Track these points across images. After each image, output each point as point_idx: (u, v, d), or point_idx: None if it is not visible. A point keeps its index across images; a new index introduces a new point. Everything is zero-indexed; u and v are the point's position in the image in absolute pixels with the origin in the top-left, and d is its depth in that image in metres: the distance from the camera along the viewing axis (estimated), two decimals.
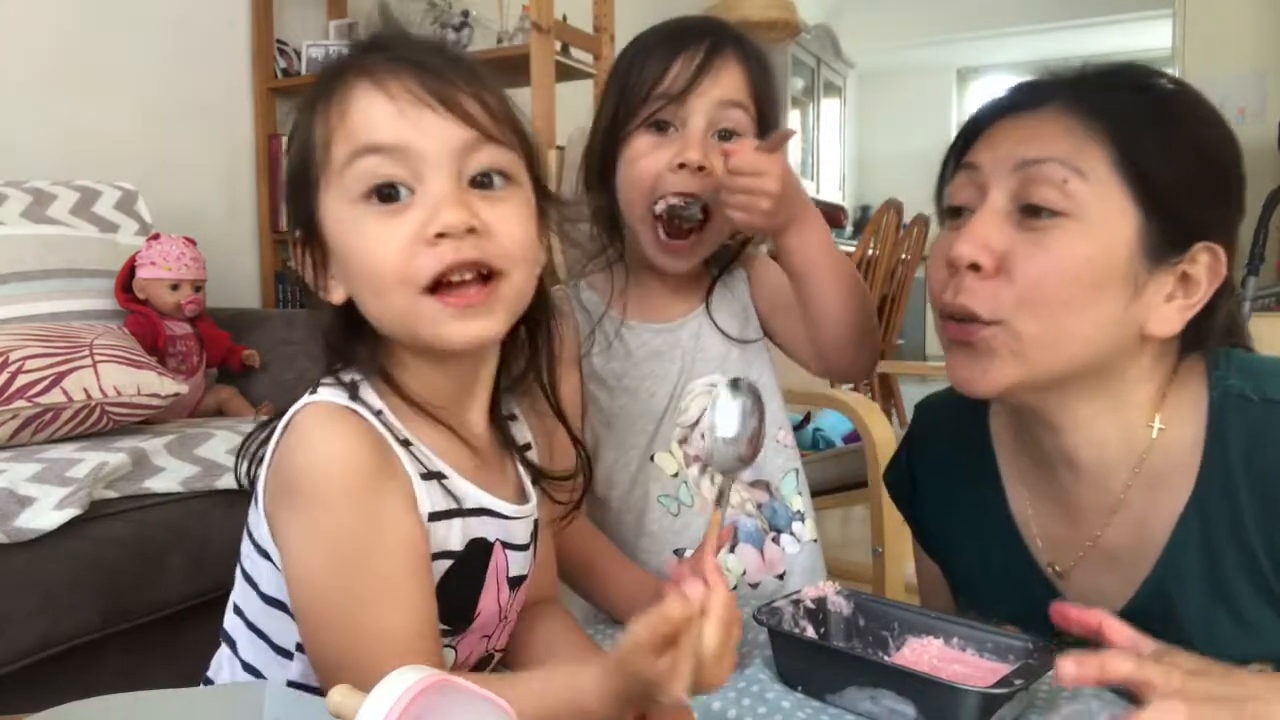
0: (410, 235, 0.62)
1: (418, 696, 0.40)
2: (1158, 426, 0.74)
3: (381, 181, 0.63)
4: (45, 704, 0.46)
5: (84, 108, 2.24)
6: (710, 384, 1.01)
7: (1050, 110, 0.71)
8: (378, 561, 0.62)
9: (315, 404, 0.65)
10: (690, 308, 1.04)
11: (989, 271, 0.70)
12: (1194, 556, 0.72)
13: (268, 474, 0.66)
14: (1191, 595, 0.73)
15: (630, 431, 1.01)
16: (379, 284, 0.64)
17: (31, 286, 1.68)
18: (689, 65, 0.93)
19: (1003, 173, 0.71)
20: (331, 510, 0.62)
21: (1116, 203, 0.68)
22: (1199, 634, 0.72)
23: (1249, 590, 0.71)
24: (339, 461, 0.62)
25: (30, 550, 1.15)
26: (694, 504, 1.01)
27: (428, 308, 0.63)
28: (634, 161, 0.96)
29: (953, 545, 0.90)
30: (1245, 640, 0.71)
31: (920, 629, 0.77)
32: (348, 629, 0.61)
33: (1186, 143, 0.70)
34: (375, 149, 0.63)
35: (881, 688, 0.68)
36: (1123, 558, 0.76)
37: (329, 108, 0.66)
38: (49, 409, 1.37)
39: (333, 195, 0.65)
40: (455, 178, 0.64)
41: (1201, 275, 0.70)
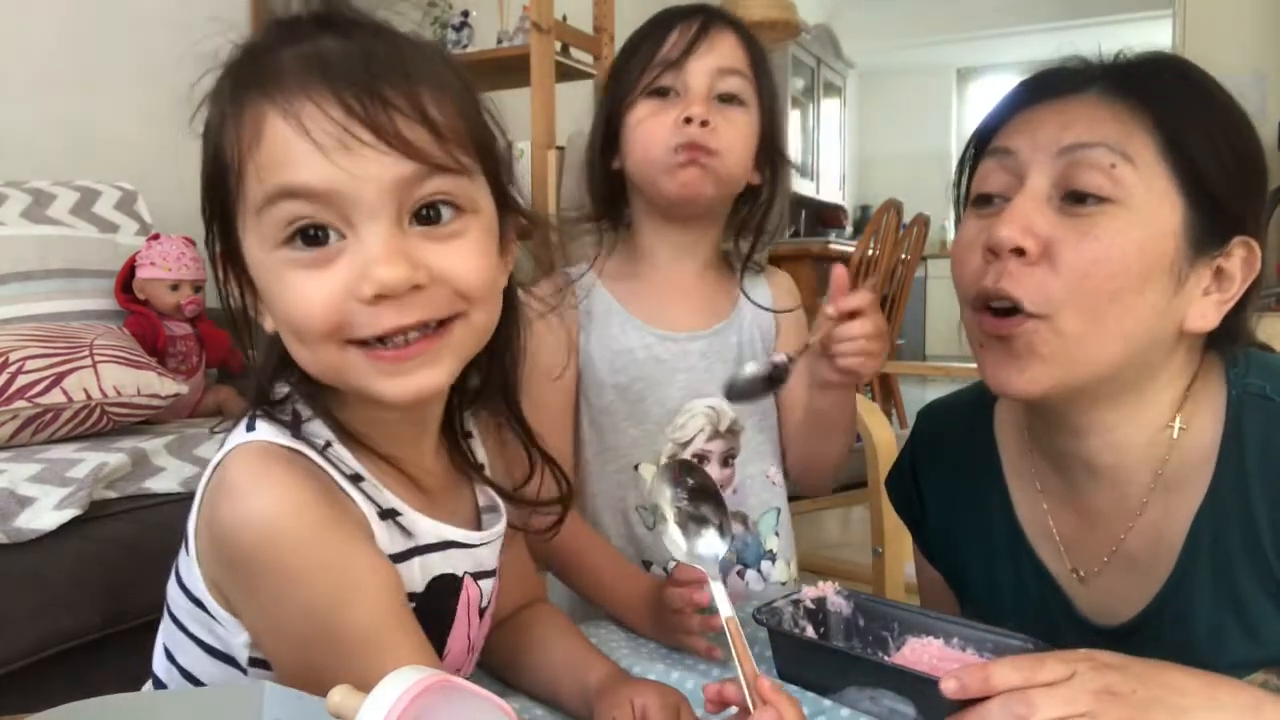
0: (341, 289, 0.54)
1: (418, 697, 0.40)
2: (1178, 427, 0.73)
3: (305, 224, 0.54)
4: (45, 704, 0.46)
5: (84, 108, 2.24)
6: (711, 406, 0.99)
7: (1091, 95, 0.70)
8: (357, 610, 0.56)
9: (247, 448, 0.57)
10: (704, 322, 1.01)
11: (1033, 257, 0.67)
12: (1205, 557, 0.72)
13: (198, 522, 0.59)
14: (1202, 598, 0.72)
15: (612, 432, 0.99)
16: (305, 336, 0.56)
17: (31, 286, 1.68)
18: (685, 34, 0.95)
19: (1044, 158, 0.69)
20: (288, 569, 0.54)
21: (1163, 190, 0.67)
22: (1206, 637, 0.71)
23: (1258, 593, 0.70)
24: (281, 515, 0.55)
25: (30, 550, 1.14)
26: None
27: (359, 363, 0.56)
28: (639, 124, 0.96)
29: (958, 553, 0.89)
30: (1251, 644, 0.70)
31: (920, 629, 0.77)
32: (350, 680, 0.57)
33: (1226, 133, 0.69)
34: (294, 194, 0.54)
35: (881, 687, 0.68)
36: (1140, 562, 0.75)
37: (239, 123, 0.55)
38: (49, 409, 1.37)
39: (251, 232, 0.56)
40: (394, 220, 0.54)
41: (1236, 269, 0.69)
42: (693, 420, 0.99)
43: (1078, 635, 0.78)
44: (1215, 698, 0.58)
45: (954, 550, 0.89)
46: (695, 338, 1.00)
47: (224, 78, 0.59)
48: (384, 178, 0.54)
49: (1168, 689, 0.58)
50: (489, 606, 0.71)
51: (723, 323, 1.02)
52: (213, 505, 0.57)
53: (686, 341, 1.00)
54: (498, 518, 0.72)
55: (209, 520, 0.58)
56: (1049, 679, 0.57)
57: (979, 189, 0.75)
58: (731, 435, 1.01)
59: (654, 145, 0.94)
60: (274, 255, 0.55)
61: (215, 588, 0.60)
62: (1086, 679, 0.57)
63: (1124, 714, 0.56)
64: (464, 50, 2.65)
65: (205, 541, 0.59)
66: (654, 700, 0.68)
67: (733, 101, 0.95)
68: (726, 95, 0.95)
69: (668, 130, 0.93)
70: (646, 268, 1.02)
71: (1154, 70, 0.72)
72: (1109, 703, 0.57)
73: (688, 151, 0.92)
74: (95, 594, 1.18)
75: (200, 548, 0.60)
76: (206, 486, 0.59)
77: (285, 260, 0.55)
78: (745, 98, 0.96)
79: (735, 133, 0.94)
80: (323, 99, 0.53)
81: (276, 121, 0.54)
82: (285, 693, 0.48)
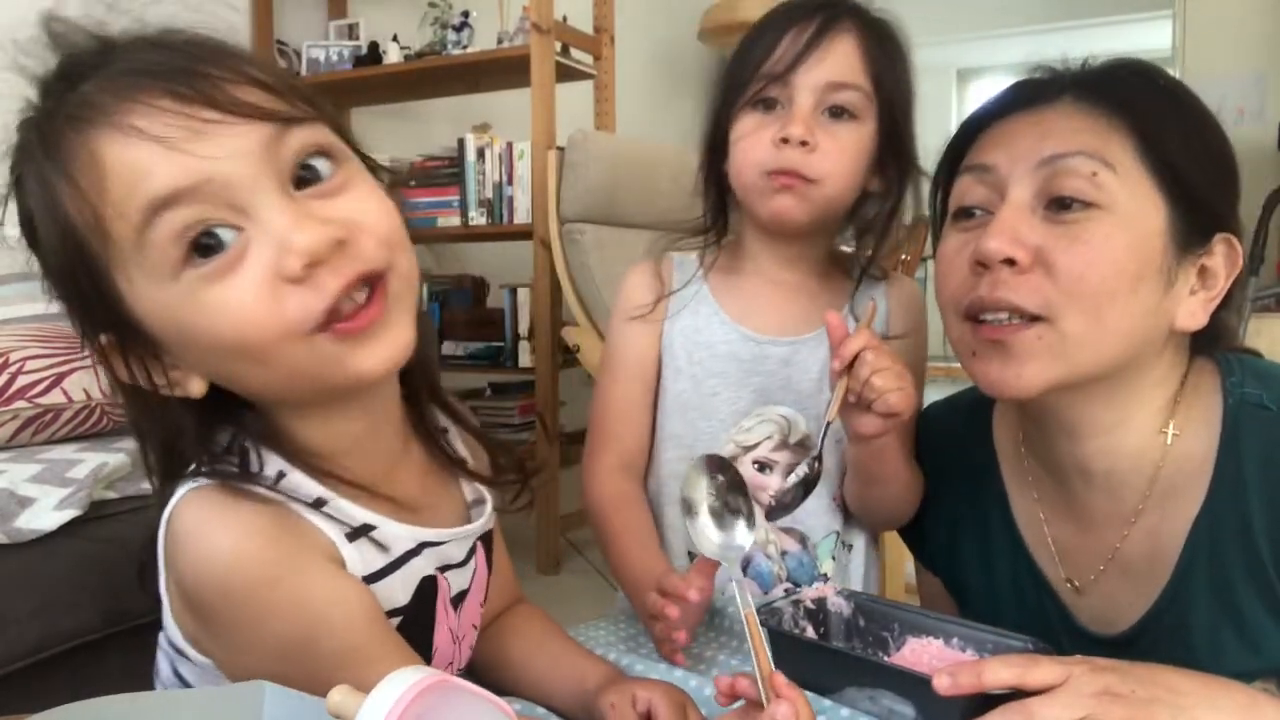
0: (266, 282, 0.50)
1: (418, 697, 0.40)
2: (1171, 433, 0.73)
3: (195, 234, 0.50)
4: (45, 704, 0.46)
5: None
6: (783, 415, 0.96)
7: (1064, 105, 0.70)
8: (326, 642, 0.55)
9: (193, 494, 0.55)
10: (796, 329, 0.96)
11: (1025, 265, 0.68)
12: (1203, 567, 0.72)
13: (167, 580, 0.58)
14: (1200, 608, 0.72)
15: (679, 421, 0.97)
16: (258, 349, 0.52)
17: (31, 287, 1.67)
18: (797, 42, 0.88)
19: (1023, 171, 0.69)
20: (250, 612, 0.53)
21: (1145, 193, 0.68)
22: (1205, 648, 0.71)
23: (1256, 603, 0.70)
24: (235, 559, 0.53)
25: (30, 550, 1.14)
26: None
27: (328, 348, 0.53)
28: (740, 139, 0.91)
29: (956, 558, 0.88)
30: (1250, 655, 0.70)
31: (920, 629, 0.77)
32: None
33: (1199, 134, 0.70)
34: (166, 202, 0.49)
35: (880, 688, 0.68)
36: (1137, 570, 0.75)
37: (72, 180, 0.50)
38: (49, 409, 1.37)
39: (139, 281, 0.52)
40: (281, 190, 0.51)
41: (1220, 267, 0.70)
42: (761, 425, 0.96)
43: (1076, 645, 0.78)
44: (1212, 697, 0.59)
45: (953, 556, 0.89)
46: (779, 343, 0.96)
47: (24, 151, 0.54)
48: (246, 148, 0.51)
49: (1166, 689, 0.58)
50: (464, 596, 0.71)
51: (814, 333, 0.95)
52: (171, 559, 0.56)
53: (770, 345, 0.96)
54: (484, 510, 0.72)
55: (172, 574, 0.57)
56: (1043, 678, 0.58)
57: (959, 203, 0.75)
58: (802, 449, 0.96)
59: (748, 167, 0.90)
60: (177, 286, 0.51)
61: (194, 643, 0.59)
62: (1084, 681, 0.57)
63: (1124, 714, 0.56)
64: (464, 51, 2.65)
65: (173, 595, 0.58)
66: (660, 697, 0.67)
67: (842, 116, 0.89)
68: (836, 109, 0.89)
69: (765, 150, 0.88)
70: (746, 267, 0.99)
71: (1123, 76, 0.72)
72: (1109, 704, 0.57)
73: (781, 179, 0.88)
74: (95, 594, 1.18)
75: (172, 605, 0.59)
76: (163, 543, 0.58)
77: (192, 282, 0.51)
78: (858, 110, 0.90)
79: (840, 153, 0.89)
80: (150, 96, 0.50)
81: (112, 142, 0.50)
82: (285, 693, 0.48)
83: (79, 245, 0.52)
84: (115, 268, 0.52)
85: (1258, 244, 3.05)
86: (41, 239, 0.54)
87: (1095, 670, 0.59)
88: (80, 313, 0.56)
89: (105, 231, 0.51)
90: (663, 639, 0.80)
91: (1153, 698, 0.57)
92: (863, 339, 0.78)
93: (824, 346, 0.92)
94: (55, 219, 0.52)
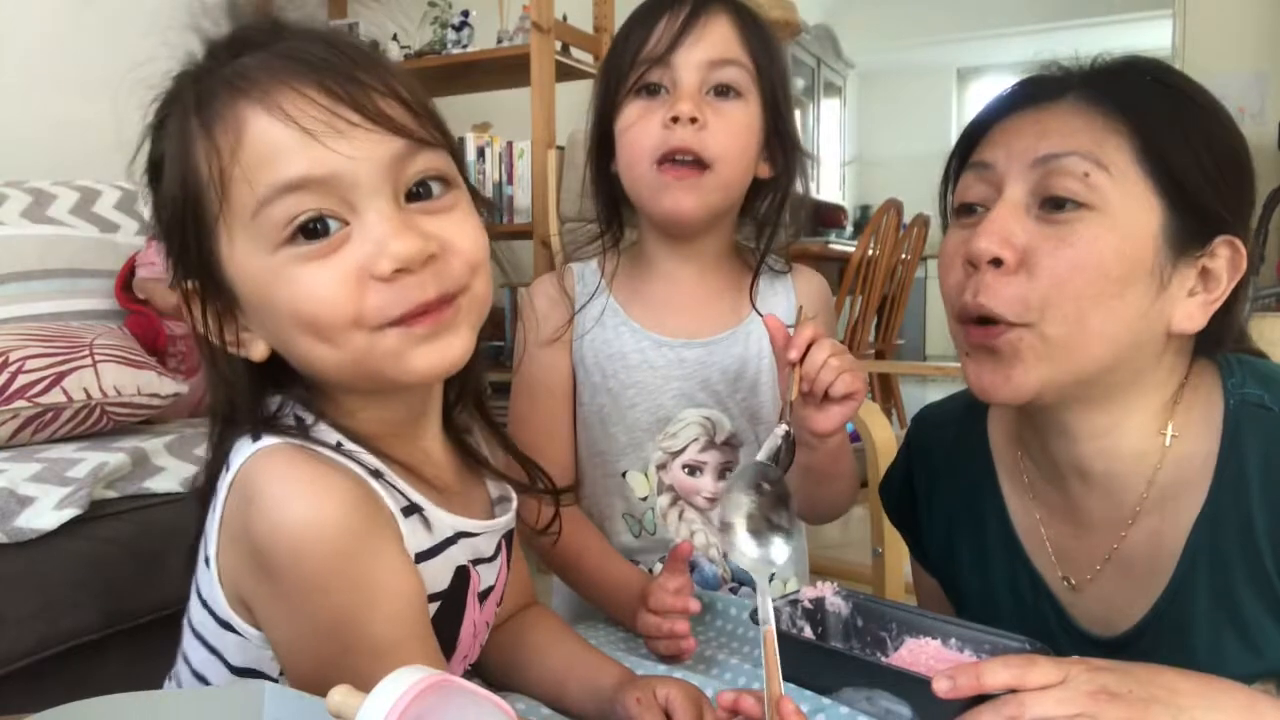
0: (354, 274, 0.55)
1: (418, 697, 0.40)
2: (1170, 434, 0.72)
3: (307, 219, 0.54)
4: (45, 704, 0.46)
5: (84, 108, 2.24)
6: (706, 416, 0.95)
7: (1066, 104, 0.70)
8: (374, 626, 0.56)
9: (267, 452, 0.56)
10: (706, 329, 0.96)
11: (1011, 267, 0.68)
12: (1203, 569, 0.71)
13: (221, 539, 0.58)
14: (1200, 610, 0.71)
15: (602, 436, 0.97)
16: (328, 330, 0.55)
17: (31, 286, 1.68)
18: (672, 25, 0.88)
19: (1019, 169, 0.69)
20: (313, 580, 0.54)
21: (1140, 195, 0.67)
22: (1205, 650, 0.71)
23: (1257, 606, 0.69)
24: (320, 526, 0.53)
25: (30, 550, 1.15)
26: (656, 534, 0.96)
27: (391, 342, 0.56)
28: (627, 128, 0.90)
29: (953, 560, 0.88)
30: (1250, 657, 0.70)
31: (918, 629, 0.77)
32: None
33: (1204, 135, 0.69)
34: (293, 187, 0.54)
35: (877, 688, 0.68)
36: (1137, 571, 0.75)
37: (211, 136, 0.55)
38: (49, 409, 1.37)
39: (241, 243, 0.56)
40: (393, 199, 0.56)
41: (1222, 269, 0.69)
42: (685, 429, 0.96)
43: (1074, 645, 0.78)
44: (1211, 697, 0.58)
45: (950, 558, 0.88)
46: (692, 345, 0.95)
47: (176, 100, 0.58)
48: (377, 156, 0.55)
49: (1164, 689, 0.58)
50: (489, 592, 0.72)
51: (727, 332, 0.96)
52: (242, 518, 0.56)
53: (682, 348, 0.95)
54: (508, 507, 0.73)
55: (240, 533, 0.56)
56: (1041, 678, 0.58)
57: (960, 199, 0.75)
58: (729, 448, 0.97)
59: (639, 156, 0.88)
60: (275, 257, 0.55)
61: (239, 603, 0.59)
62: (1081, 680, 0.57)
63: (1123, 714, 0.56)
64: (464, 50, 2.65)
65: (234, 556, 0.58)
66: (678, 693, 0.68)
67: (728, 94, 0.88)
68: (721, 88, 0.88)
69: (655, 135, 0.87)
70: (649, 270, 0.98)
71: (1130, 75, 0.71)
72: (1106, 703, 0.57)
73: (672, 171, 0.87)
74: (95, 594, 1.18)
75: (224, 564, 0.59)
76: (225, 502, 0.58)
77: (290, 258, 0.55)
78: (743, 88, 0.89)
79: (731, 131, 0.88)
80: (305, 86, 0.54)
81: (258, 116, 0.54)
82: (285, 693, 0.48)
83: (196, 196, 0.56)
84: (222, 225, 0.56)
85: (1258, 244, 3.05)
86: (164, 181, 0.58)
87: (1093, 670, 0.59)
88: (176, 255, 0.59)
89: (226, 192, 0.55)
90: (669, 652, 0.80)
91: (1151, 698, 0.57)
92: (811, 330, 0.78)
93: (738, 342, 0.95)
94: (183, 166, 0.56)
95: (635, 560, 0.96)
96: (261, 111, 0.54)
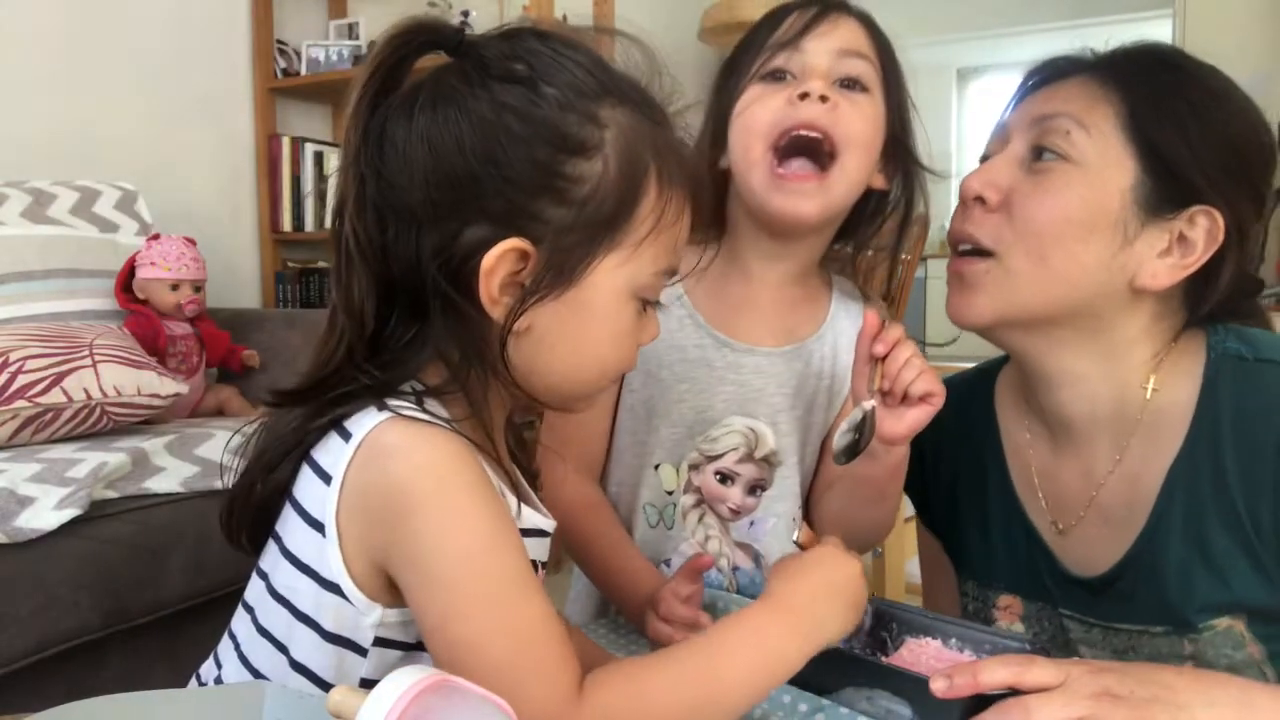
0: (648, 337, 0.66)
1: (418, 696, 0.41)
2: (1151, 388, 0.78)
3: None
4: (45, 704, 0.47)
5: (84, 107, 2.24)
6: (751, 428, 0.92)
7: (1075, 80, 0.79)
8: (506, 555, 0.58)
9: (397, 418, 0.58)
10: (773, 339, 0.93)
11: (993, 205, 0.77)
12: (1179, 510, 0.76)
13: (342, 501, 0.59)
14: (1174, 547, 0.75)
15: (644, 425, 0.94)
16: (614, 373, 0.65)
17: (31, 286, 1.68)
18: (804, 17, 0.86)
19: (1022, 128, 0.79)
20: (456, 508, 0.57)
21: (1116, 155, 0.74)
22: (1176, 584, 0.75)
23: (1228, 543, 0.73)
24: (446, 462, 0.57)
25: (30, 550, 1.15)
26: (673, 529, 0.95)
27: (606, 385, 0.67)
28: (747, 107, 0.85)
29: (955, 514, 0.92)
30: (1218, 589, 0.74)
31: (918, 629, 0.77)
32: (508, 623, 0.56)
33: (1203, 113, 0.74)
34: (673, 272, 0.66)
35: (877, 688, 0.68)
36: (1116, 515, 0.80)
37: (667, 175, 0.63)
38: (49, 409, 1.37)
39: (624, 266, 0.62)
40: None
41: (1199, 238, 0.74)
42: (728, 436, 0.93)
43: (1059, 587, 0.83)
44: (1209, 694, 0.60)
45: (953, 512, 0.93)
46: (755, 352, 0.92)
47: (650, 144, 0.62)
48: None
49: (1163, 688, 0.59)
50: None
51: (794, 345, 0.92)
52: (374, 473, 0.58)
53: (745, 354, 0.92)
54: (550, 523, 0.72)
55: (371, 487, 0.58)
56: (1039, 678, 0.58)
57: (983, 153, 0.85)
58: (767, 465, 0.93)
59: (756, 137, 0.83)
60: (628, 306, 0.63)
61: (356, 563, 0.59)
62: (1082, 682, 0.58)
63: (1125, 715, 0.57)
64: None
65: (363, 513, 0.59)
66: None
67: (856, 87, 0.85)
68: (849, 80, 0.84)
69: (777, 110, 0.83)
70: (731, 265, 0.92)
71: (1138, 57, 0.79)
72: (1109, 704, 0.57)
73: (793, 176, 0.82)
74: (95, 594, 1.18)
75: (346, 525, 0.59)
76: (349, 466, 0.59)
77: (635, 305, 0.64)
78: (870, 84, 0.85)
79: (860, 119, 0.84)
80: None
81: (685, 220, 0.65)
82: (285, 692, 0.48)
83: (630, 204, 0.60)
84: (626, 242, 0.61)
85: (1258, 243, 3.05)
86: (597, 164, 0.60)
87: (1093, 671, 0.59)
88: (561, 225, 0.60)
89: (660, 229, 0.61)
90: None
91: (1152, 698, 0.58)
92: (900, 331, 0.78)
93: (800, 360, 0.92)
94: (630, 179, 0.60)
95: (650, 557, 0.94)
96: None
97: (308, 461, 0.61)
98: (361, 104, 0.60)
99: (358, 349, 0.62)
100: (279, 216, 2.72)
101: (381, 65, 0.60)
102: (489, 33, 0.64)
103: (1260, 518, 0.72)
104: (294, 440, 0.62)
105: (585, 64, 0.62)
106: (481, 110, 0.59)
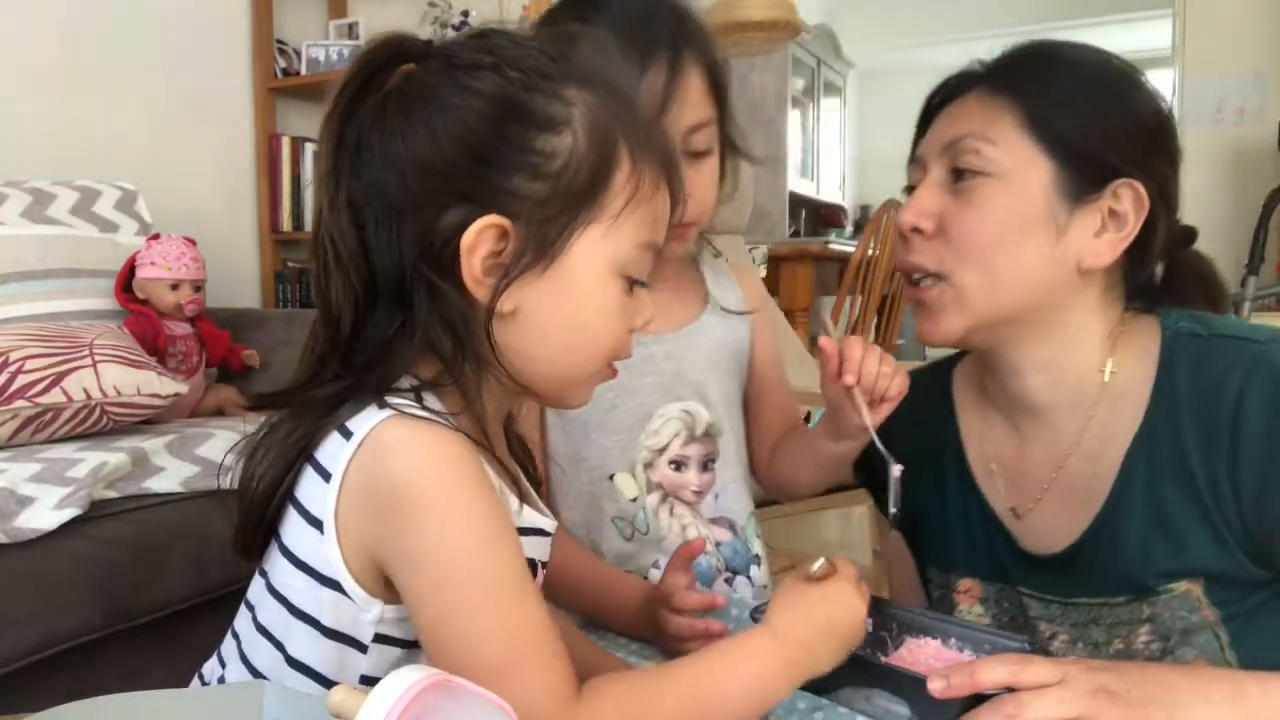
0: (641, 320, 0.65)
1: (418, 696, 0.41)
2: (1109, 370, 0.81)
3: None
4: (45, 704, 0.47)
5: (84, 107, 2.24)
6: (685, 410, 0.96)
7: (971, 96, 0.82)
8: (504, 553, 0.58)
9: (399, 415, 0.58)
10: (671, 324, 0.98)
11: (930, 233, 0.81)
12: (1139, 485, 0.78)
13: (341, 498, 0.60)
14: (1134, 518, 0.78)
15: (584, 443, 0.96)
16: (610, 354, 0.64)
17: (31, 286, 1.68)
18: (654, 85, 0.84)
19: (935, 154, 0.83)
20: (460, 498, 0.57)
21: (1028, 157, 0.78)
22: (1136, 555, 0.77)
23: (1185, 510, 0.75)
24: (448, 459, 0.58)
25: (30, 550, 1.15)
26: (649, 533, 0.96)
27: (600, 373, 0.65)
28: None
29: (916, 507, 0.92)
30: (1176, 556, 0.76)
31: (918, 629, 0.77)
32: (503, 623, 0.57)
33: (1091, 97, 0.79)
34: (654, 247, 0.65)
35: (876, 687, 0.68)
36: (1077, 493, 0.82)
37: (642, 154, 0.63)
38: (49, 409, 1.37)
39: (606, 240, 0.61)
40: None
41: (1128, 209, 0.78)
42: (666, 425, 0.96)
43: (1019, 566, 0.85)
44: (1204, 691, 0.61)
45: (912, 504, 0.92)
46: (661, 341, 0.96)
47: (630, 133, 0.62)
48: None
49: (1160, 686, 0.59)
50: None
51: (690, 324, 0.99)
52: (375, 471, 0.58)
53: (653, 344, 0.96)
54: (552, 523, 0.72)
55: (371, 485, 0.58)
56: (1037, 677, 0.58)
57: (906, 184, 0.88)
58: (709, 439, 0.98)
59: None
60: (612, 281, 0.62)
61: (354, 559, 0.60)
62: (1079, 680, 0.58)
63: (1122, 713, 0.57)
64: None
65: (363, 510, 0.59)
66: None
67: (700, 156, 0.89)
68: (695, 152, 0.89)
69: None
70: None
71: (1020, 60, 0.83)
72: (1106, 702, 0.57)
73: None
74: (95, 594, 1.19)
75: (345, 522, 0.60)
76: (350, 464, 0.59)
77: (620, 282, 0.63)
78: (711, 144, 0.90)
79: (705, 186, 0.90)
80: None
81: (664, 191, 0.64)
82: (285, 692, 0.48)
83: (603, 176, 0.60)
84: (603, 215, 0.61)
85: (1258, 243, 3.05)
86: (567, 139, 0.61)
87: (1090, 670, 0.59)
88: (536, 199, 0.60)
89: (638, 202, 0.61)
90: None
91: (1148, 696, 0.58)
92: (860, 345, 0.82)
93: (701, 333, 0.99)
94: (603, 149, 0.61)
95: (627, 567, 0.95)
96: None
97: (309, 461, 0.61)
98: (333, 117, 0.61)
99: (341, 351, 0.62)
100: (279, 216, 2.72)
101: (353, 80, 0.61)
102: (455, 37, 0.65)
103: (1219, 485, 0.74)
104: (295, 451, 0.62)
105: (549, 52, 0.63)
106: (450, 98, 0.60)
